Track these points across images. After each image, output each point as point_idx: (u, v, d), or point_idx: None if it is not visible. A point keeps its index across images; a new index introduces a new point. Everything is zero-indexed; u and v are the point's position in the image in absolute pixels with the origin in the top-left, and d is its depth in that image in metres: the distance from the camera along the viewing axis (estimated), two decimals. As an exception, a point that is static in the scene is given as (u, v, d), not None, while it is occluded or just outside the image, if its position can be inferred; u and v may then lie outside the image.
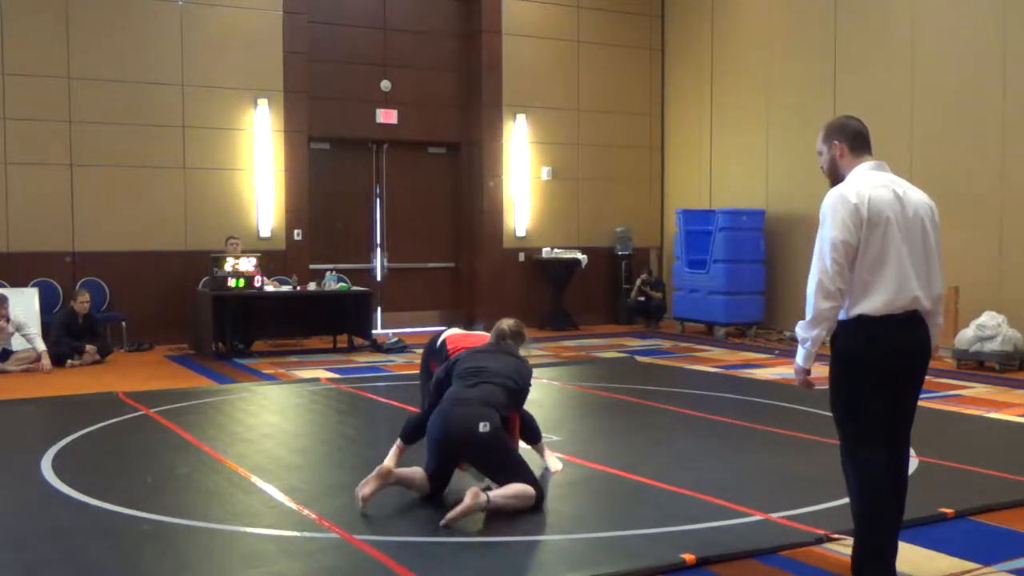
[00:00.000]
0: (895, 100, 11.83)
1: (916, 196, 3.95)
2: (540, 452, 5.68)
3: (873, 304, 3.80)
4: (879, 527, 3.86)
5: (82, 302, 10.94)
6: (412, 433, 5.46)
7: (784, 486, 5.42)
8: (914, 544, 4.38)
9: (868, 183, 3.86)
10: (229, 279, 11.22)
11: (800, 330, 3.88)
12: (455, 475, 5.13)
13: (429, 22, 14.32)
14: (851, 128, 4.02)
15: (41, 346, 10.28)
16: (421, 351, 6.45)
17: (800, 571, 4.09)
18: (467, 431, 4.85)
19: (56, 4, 11.89)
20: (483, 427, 4.82)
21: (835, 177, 4.03)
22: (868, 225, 3.78)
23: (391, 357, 11.41)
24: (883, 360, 3.84)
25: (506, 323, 5.58)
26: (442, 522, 4.52)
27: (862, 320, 3.82)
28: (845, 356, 3.87)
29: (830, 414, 3.96)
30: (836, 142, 4.01)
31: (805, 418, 7.42)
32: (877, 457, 3.85)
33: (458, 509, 4.54)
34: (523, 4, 14.54)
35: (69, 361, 10.54)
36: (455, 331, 6.26)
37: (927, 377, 9.15)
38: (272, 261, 12.55)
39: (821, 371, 3.88)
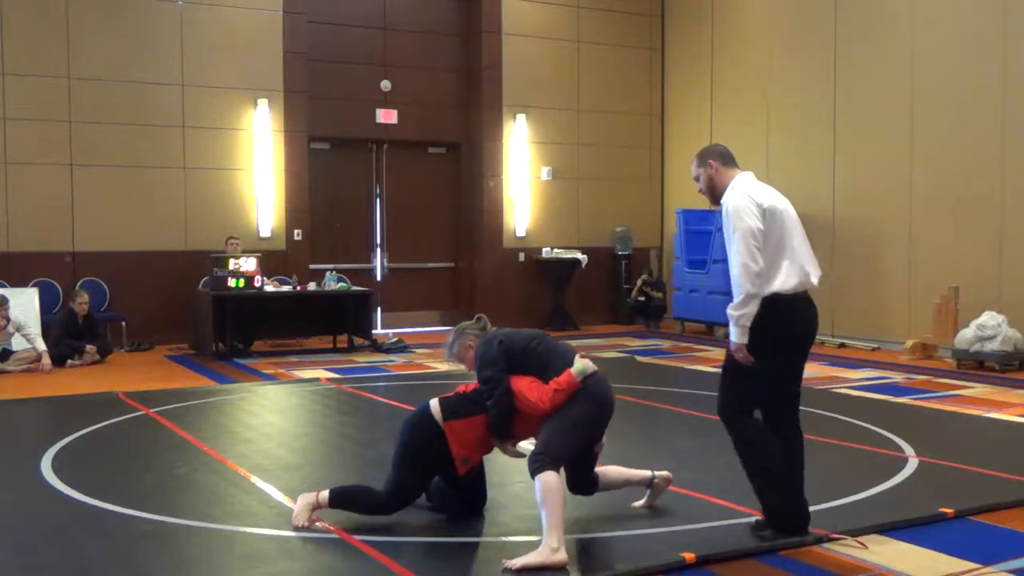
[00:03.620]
0: (895, 100, 11.82)
1: (787, 200, 4.61)
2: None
3: (784, 284, 4.37)
4: (779, 476, 4.46)
5: (80, 303, 10.94)
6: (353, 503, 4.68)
7: (784, 486, 5.40)
8: (914, 544, 4.38)
9: (756, 186, 4.53)
10: (229, 279, 11.22)
11: (733, 311, 4.34)
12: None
13: (429, 22, 14.32)
14: (719, 149, 4.71)
15: (41, 346, 10.28)
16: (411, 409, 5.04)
17: (800, 571, 4.09)
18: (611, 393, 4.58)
19: (56, 4, 11.89)
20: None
21: (713, 192, 4.64)
22: (768, 217, 4.40)
23: (391, 357, 11.41)
24: (791, 334, 4.43)
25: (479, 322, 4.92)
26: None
27: (776, 298, 4.35)
28: (759, 331, 4.32)
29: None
30: (711, 162, 4.64)
31: (805, 418, 7.40)
32: (754, 422, 4.53)
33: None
34: (523, 4, 14.53)
35: (69, 361, 10.54)
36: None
37: (927, 378, 9.20)
38: (272, 261, 12.55)
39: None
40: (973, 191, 11.01)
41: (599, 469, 4.83)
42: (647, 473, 4.93)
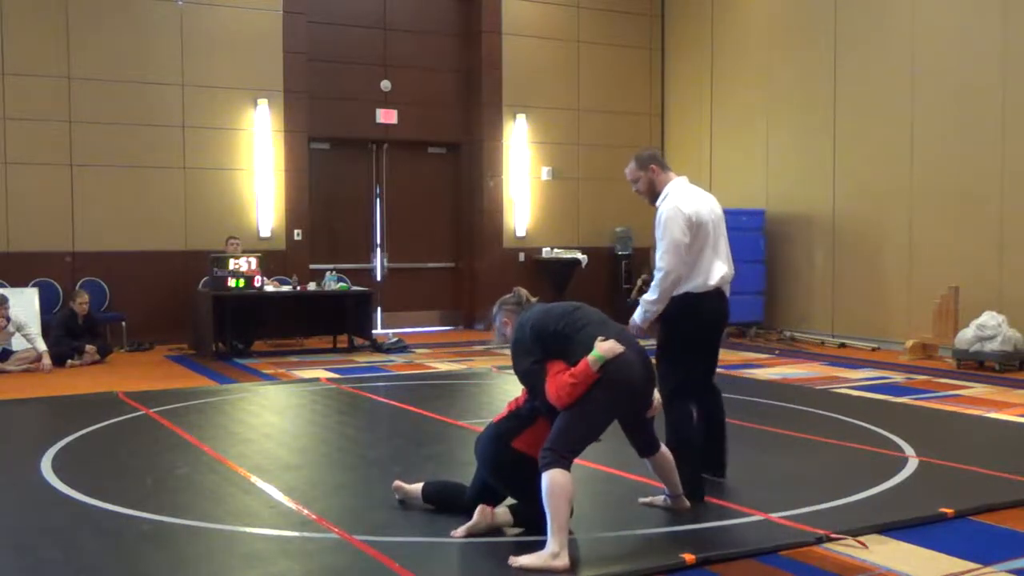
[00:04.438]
0: (895, 100, 11.82)
1: (713, 201, 5.25)
2: None
3: (696, 284, 5.08)
4: (694, 453, 5.07)
5: (80, 303, 10.94)
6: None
7: (784, 486, 5.41)
8: (914, 544, 4.38)
9: (690, 196, 5.13)
10: (229, 279, 11.22)
11: (648, 304, 5.07)
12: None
13: (429, 22, 14.32)
14: (656, 154, 5.33)
15: (41, 346, 10.28)
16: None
17: (800, 571, 4.09)
18: (651, 367, 4.48)
19: (56, 4, 11.89)
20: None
21: (652, 193, 5.22)
22: (694, 226, 5.04)
23: (391, 357, 11.41)
24: (704, 322, 5.15)
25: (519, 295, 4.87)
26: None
27: (689, 296, 5.09)
28: (679, 321, 5.10)
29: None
30: (652, 167, 5.22)
31: (805, 418, 7.43)
32: (687, 405, 5.17)
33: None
34: (523, 4, 14.53)
35: (69, 361, 10.54)
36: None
37: (927, 378, 9.27)
38: (272, 261, 12.55)
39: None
40: (973, 191, 11.01)
41: (663, 449, 4.70)
42: (680, 491, 4.82)
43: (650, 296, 5.07)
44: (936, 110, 11.40)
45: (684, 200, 5.08)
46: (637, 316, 5.12)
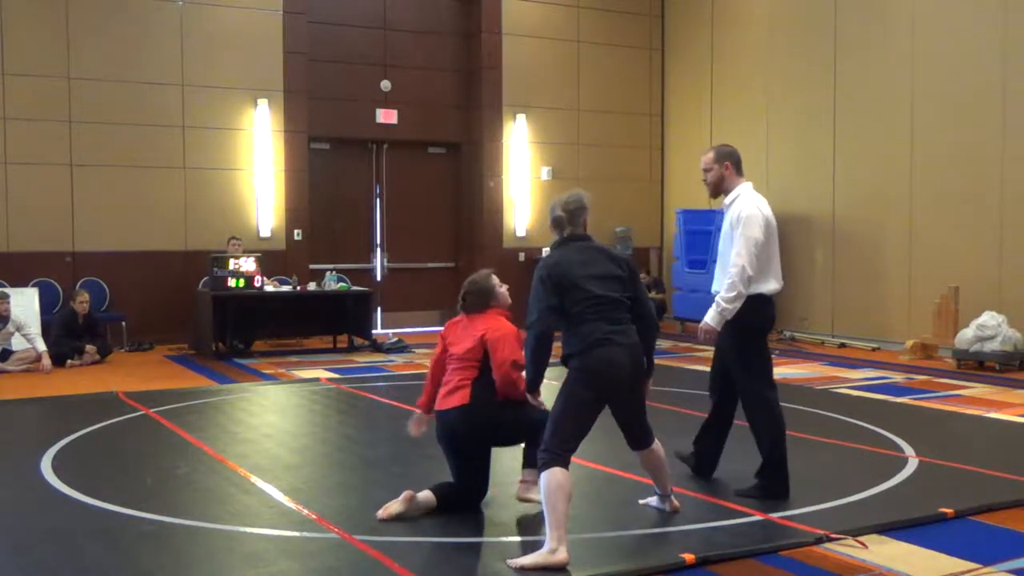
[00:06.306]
0: (895, 100, 11.83)
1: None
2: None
3: (769, 287, 5.15)
4: (784, 442, 5.18)
5: (81, 302, 10.94)
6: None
7: (784, 486, 5.41)
8: (914, 544, 4.38)
9: (761, 202, 5.20)
10: (229, 279, 11.22)
11: (724, 302, 5.04)
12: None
13: (429, 22, 14.32)
14: (736, 155, 5.30)
15: (41, 346, 10.27)
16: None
17: (800, 571, 4.09)
18: (639, 356, 4.53)
19: (56, 4, 11.89)
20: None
21: (716, 189, 5.29)
22: (769, 232, 5.12)
23: (391, 357, 11.41)
24: (767, 326, 5.25)
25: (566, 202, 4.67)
26: None
27: (762, 298, 5.13)
28: (754, 323, 5.12)
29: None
30: (727, 164, 5.24)
31: (805, 418, 7.42)
32: (775, 394, 5.21)
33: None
34: (523, 4, 14.53)
35: (69, 361, 10.54)
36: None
37: (927, 378, 9.32)
38: (272, 261, 12.55)
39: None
40: (973, 191, 11.01)
41: (655, 447, 4.70)
42: (670, 491, 4.84)
43: (729, 294, 5.03)
44: (936, 110, 11.40)
45: (762, 203, 5.17)
46: (711, 317, 5.09)
